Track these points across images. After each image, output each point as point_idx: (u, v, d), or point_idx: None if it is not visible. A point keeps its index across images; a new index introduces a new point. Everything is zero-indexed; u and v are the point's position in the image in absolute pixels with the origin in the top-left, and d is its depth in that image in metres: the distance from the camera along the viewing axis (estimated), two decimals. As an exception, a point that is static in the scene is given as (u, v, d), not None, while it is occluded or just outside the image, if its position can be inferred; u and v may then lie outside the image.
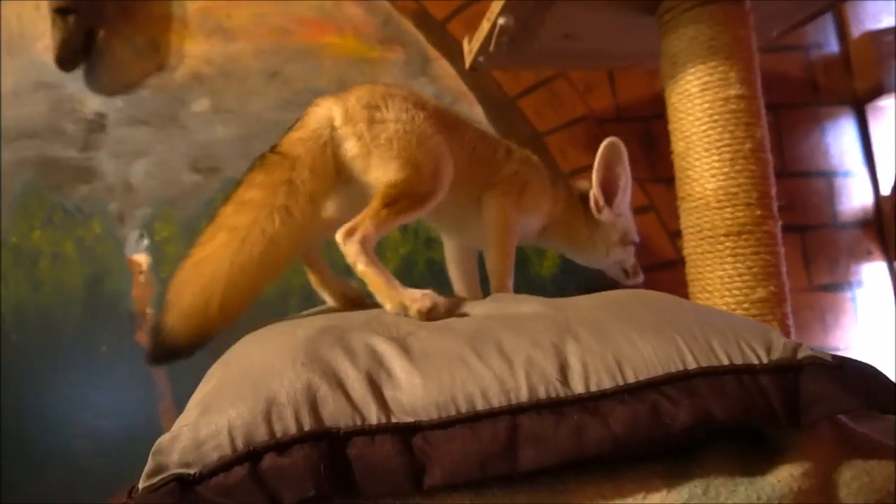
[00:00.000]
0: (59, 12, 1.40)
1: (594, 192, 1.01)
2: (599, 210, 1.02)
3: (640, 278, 1.12)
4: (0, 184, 1.45)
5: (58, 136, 1.48)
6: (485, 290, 1.03)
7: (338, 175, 0.79)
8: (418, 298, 0.70)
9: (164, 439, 0.52)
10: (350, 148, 0.78)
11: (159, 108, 1.51)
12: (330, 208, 0.85)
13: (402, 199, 0.77)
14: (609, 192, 1.01)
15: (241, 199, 0.74)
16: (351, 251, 0.74)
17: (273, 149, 0.78)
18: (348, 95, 0.81)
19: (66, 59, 1.44)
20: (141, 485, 0.50)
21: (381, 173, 0.78)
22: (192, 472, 0.50)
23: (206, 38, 1.53)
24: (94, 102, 1.50)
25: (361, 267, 0.74)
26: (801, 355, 0.56)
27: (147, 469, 0.51)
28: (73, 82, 1.49)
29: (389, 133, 0.78)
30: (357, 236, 0.74)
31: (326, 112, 0.79)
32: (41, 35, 1.49)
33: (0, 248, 1.43)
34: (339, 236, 0.75)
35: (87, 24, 1.45)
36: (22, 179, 1.46)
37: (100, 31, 1.50)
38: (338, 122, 0.78)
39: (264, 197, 0.74)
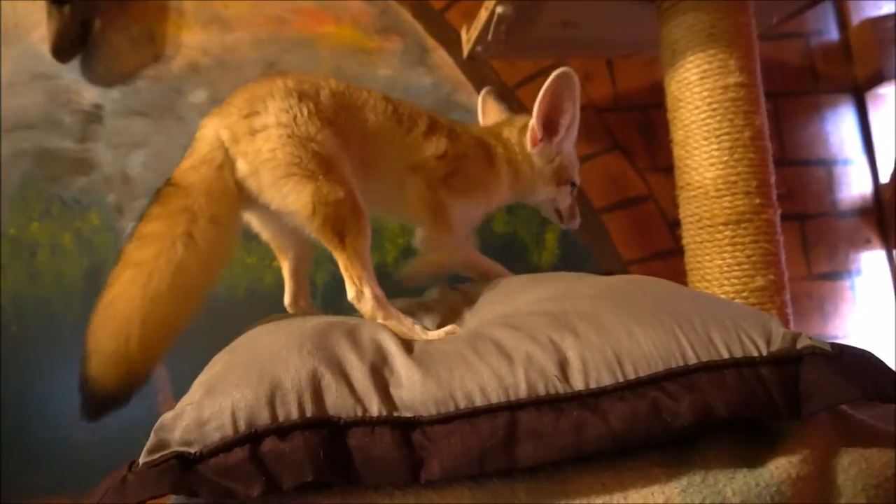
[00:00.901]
0: (55, 2, 1.39)
1: (532, 124, 0.95)
2: (534, 143, 0.96)
3: (576, 223, 1.07)
4: (-3, 176, 1.45)
5: (55, 127, 1.47)
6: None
7: (241, 194, 0.77)
8: (443, 335, 0.70)
9: (167, 416, 0.52)
10: (240, 168, 0.76)
11: (156, 99, 1.50)
12: (250, 220, 0.86)
13: (341, 222, 0.75)
14: (551, 125, 0.96)
15: (142, 233, 0.73)
16: (368, 310, 0.75)
17: (167, 182, 0.76)
18: (230, 108, 0.78)
19: (63, 49, 1.43)
20: (142, 460, 0.51)
21: (281, 198, 0.75)
22: (192, 450, 0.50)
23: (202, 29, 1.52)
24: (90, 93, 1.49)
25: (380, 321, 0.74)
26: (800, 345, 0.56)
27: (148, 444, 0.51)
28: (70, 73, 1.48)
29: (272, 143, 0.75)
30: (366, 292, 0.74)
31: (213, 133, 0.77)
32: (37, 25, 1.47)
33: (-1, 241, 1.43)
34: (351, 298, 0.75)
35: (83, 15, 1.44)
36: (20, 171, 1.45)
37: (96, 22, 1.49)
38: (227, 143, 0.76)
39: (164, 228, 0.72)
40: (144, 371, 0.69)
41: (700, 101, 1.03)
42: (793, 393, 0.53)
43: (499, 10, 1.15)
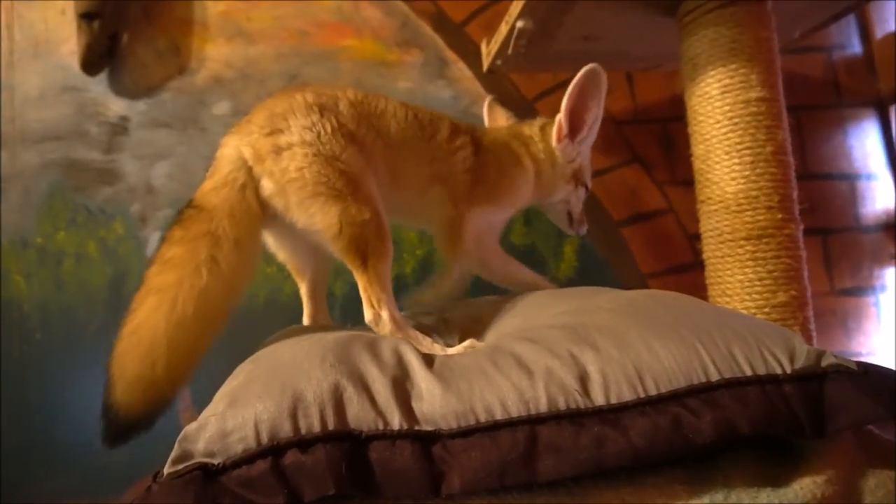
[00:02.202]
0: (85, 17, 1.43)
1: (559, 118, 0.94)
2: (559, 139, 0.95)
3: (585, 228, 1.06)
4: (21, 185, 1.48)
5: (82, 138, 1.50)
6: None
7: (265, 213, 0.76)
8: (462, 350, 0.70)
9: (191, 427, 0.53)
10: (265, 188, 0.75)
11: (181, 111, 1.53)
12: (268, 240, 0.85)
13: (365, 244, 0.75)
14: (576, 124, 0.95)
15: (164, 258, 0.72)
16: (387, 333, 0.74)
17: (189, 203, 0.76)
18: (250, 125, 0.77)
19: (91, 63, 1.47)
20: (166, 470, 0.51)
21: (308, 218, 0.75)
22: (216, 461, 0.50)
23: (226, 42, 1.55)
24: (117, 105, 1.52)
25: None
26: (825, 363, 0.55)
27: (173, 455, 0.52)
28: (98, 86, 1.52)
29: (298, 162, 0.74)
30: (384, 315, 0.74)
31: (235, 153, 0.76)
32: (66, 39, 1.51)
33: (27, 249, 1.46)
34: (368, 321, 0.75)
35: (112, 29, 1.47)
36: (48, 181, 1.48)
37: (124, 36, 1.52)
38: (250, 161, 0.75)
39: (186, 253, 0.71)
40: (171, 395, 0.69)
41: (721, 116, 1.03)
42: (817, 411, 0.52)
43: (519, 24, 1.16)
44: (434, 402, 0.54)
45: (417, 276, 1.49)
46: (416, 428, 0.52)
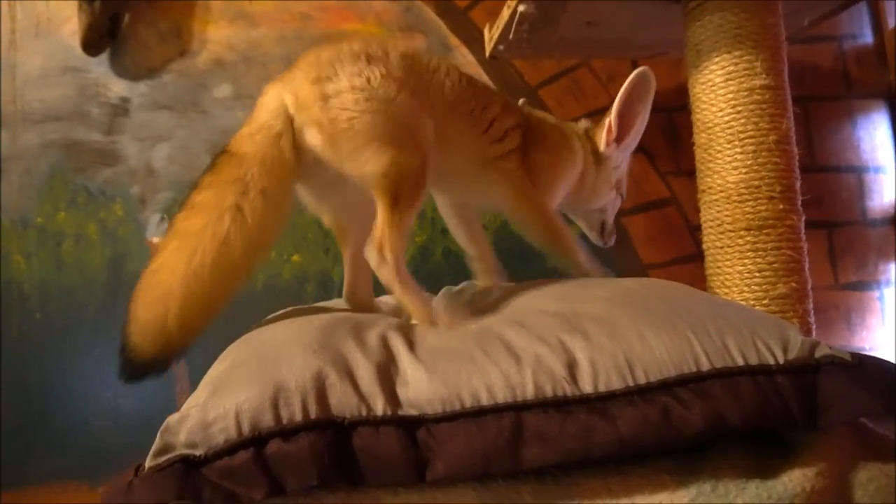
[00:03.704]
0: (85, -3, 1.42)
1: (611, 121, 0.92)
2: (608, 143, 0.93)
3: (612, 242, 1.04)
4: (22, 166, 1.48)
5: (83, 119, 1.50)
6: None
7: (299, 164, 0.73)
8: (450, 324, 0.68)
9: (172, 419, 0.53)
10: (312, 137, 0.72)
11: (181, 93, 1.52)
12: (308, 197, 0.82)
13: (401, 189, 0.71)
14: (623, 128, 0.93)
15: (192, 202, 0.70)
16: (385, 275, 0.71)
17: (223, 149, 0.73)
18: (295, 72, 0.74)
19: (92, 43, 1.46)
20: (147, 464, 0.51)
21: (358, 166, 0.72)
22: (197, 453, 0.50)
23: (228, 24, 1.54)
24: (118, 87, 1.52)
25: (398, 293, 0.71)
26: (818, 354, 0.54)
27: (154, 447, 0.52)
28: (99, 66, 1.51)
29: (348, 107, 0.71)
30: (389, 258, 0.71)
31: (276, 101, 0.73)
32: (68, 20, 1.51)
33: (27, 229, 1.46)
34: (370, 258, 0.72)
35: (113, 10, 1.46)
36: (49, 161, 1.48)
37: (125, 17, 1.51)
38: (292, 109, 0.72)
39: (214, 198, 0.69)
40: (181, 345, 0.68)
41: (724, 104, 1.01)
42: (810, 403, 0.52)
43: (521, 8, 1.14)
44: (420, 387, 0.53)
45: (417, 263, 1.48)
46: (400, 413, 0.52)
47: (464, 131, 0.81)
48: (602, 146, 0.94)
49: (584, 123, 1.00)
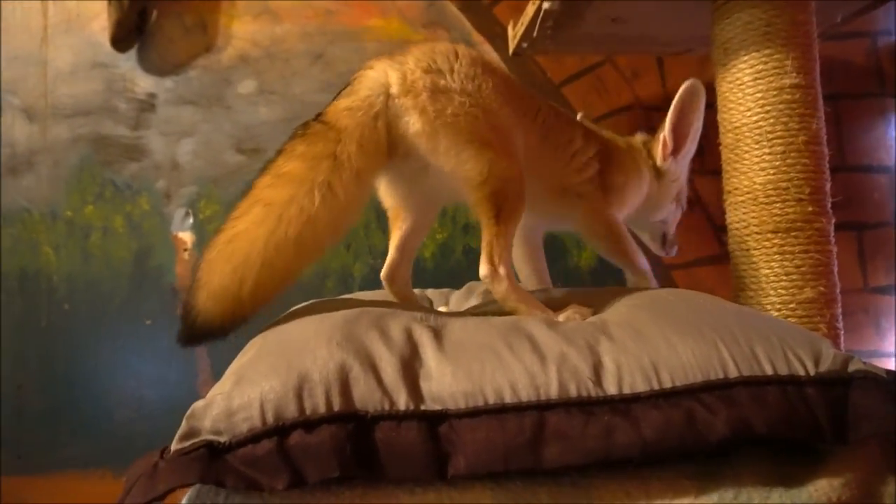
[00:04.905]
0: (114, -7, 1.44)
1: (665, 136, 0.95)
2: (665, 157, 0.97)
3: (675, 251, 1.07)
4: (52, 159, 1.51)
5: (111, 114, 1.53)
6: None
7: (391, 150, 0.71)
8: (570, 317, 0.68)
9: (198, 405, 0.53)
10: (412, 123, 0.70)
11: (206, 89, 1.54)
12: (388, 187, 0.81)
13: (502, 200, 0.71)
14: (678, 140, 0.96)
15: (280, 170, 0.68)
16: (501, 291, 0.71)
17: (318, 117, 0.70)
18: (407, 57, 0.73)
19: (121, 39, 1.48)
20: (173, 447, 0.52)
21: (457, 163, 0.71)
22: (222, 440, 0.51)
23: (253, 20, 1.55)
24: (145, 82, 1.54)
25: (512, 304, 0.71)
26: (851, 368, 0.53)
27: (180, 432, 0.52)
28: (126, 62, 1.54)
29: (455, 107, 0.70)
30: (503, 273, 0.71)
31: (381, 77, 0.71)
32: (97, 15, 1.53)
33: (56, 221, 1.49)
34: (483, 275, 0.72)
35: (141, 5, 1.49)
36: (78, 155, 1.51)
37: (153, 12, 1.53)
38: (395, 90, 0.70)
39: (305, 171, 0.67)
40: (250, 314, 0.66)
41: (752, 103, 0.99)
42: (840, 416, 0.50)
43: (545, 5, 1.13)
44: (443, 382, 0.53)
45: (437, 261, 1.48)
46: (423, 408, 0.52)
47: (549, 161, 0.85)
48: (659, 160, 0.98)
49: (640, 137, 1.02)
